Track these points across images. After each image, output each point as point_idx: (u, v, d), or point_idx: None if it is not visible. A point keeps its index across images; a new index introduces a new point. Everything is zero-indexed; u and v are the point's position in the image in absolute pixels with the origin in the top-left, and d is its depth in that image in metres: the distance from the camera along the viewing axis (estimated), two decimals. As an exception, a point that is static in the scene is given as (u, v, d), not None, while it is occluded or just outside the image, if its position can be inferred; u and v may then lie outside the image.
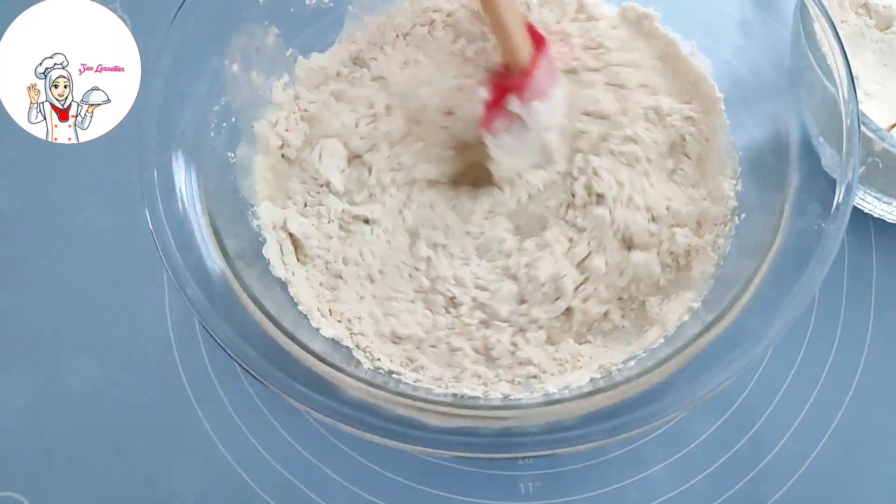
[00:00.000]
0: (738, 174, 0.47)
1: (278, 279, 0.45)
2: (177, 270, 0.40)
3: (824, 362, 0.50)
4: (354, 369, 0.42)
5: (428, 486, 0.48)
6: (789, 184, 0.42)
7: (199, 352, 0.51)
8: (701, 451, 0.49)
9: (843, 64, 0.42)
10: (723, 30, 0.48)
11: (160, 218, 0.41)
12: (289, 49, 0.51)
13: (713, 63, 0.49)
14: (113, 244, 0.54)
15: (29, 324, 0.53)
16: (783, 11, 0.45)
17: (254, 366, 0.38)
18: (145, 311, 0.53)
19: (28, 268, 0.54)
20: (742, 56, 0.48)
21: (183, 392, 0.51)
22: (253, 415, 0.50)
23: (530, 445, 0.37)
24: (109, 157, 0.55)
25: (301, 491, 0.48)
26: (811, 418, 0.49)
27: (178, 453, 0.49)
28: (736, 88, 0.48)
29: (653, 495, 0.48)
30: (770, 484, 0.48)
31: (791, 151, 0.43)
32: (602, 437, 0.37)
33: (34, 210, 0.56)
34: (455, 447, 0.38)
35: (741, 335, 0.39)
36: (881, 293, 0.52)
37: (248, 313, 0.41)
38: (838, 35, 0.42)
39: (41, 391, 0.51)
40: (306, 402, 0.38)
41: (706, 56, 0.50)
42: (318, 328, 0.44)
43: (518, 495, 0.48)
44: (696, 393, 0.38)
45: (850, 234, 0.53)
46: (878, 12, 0.54)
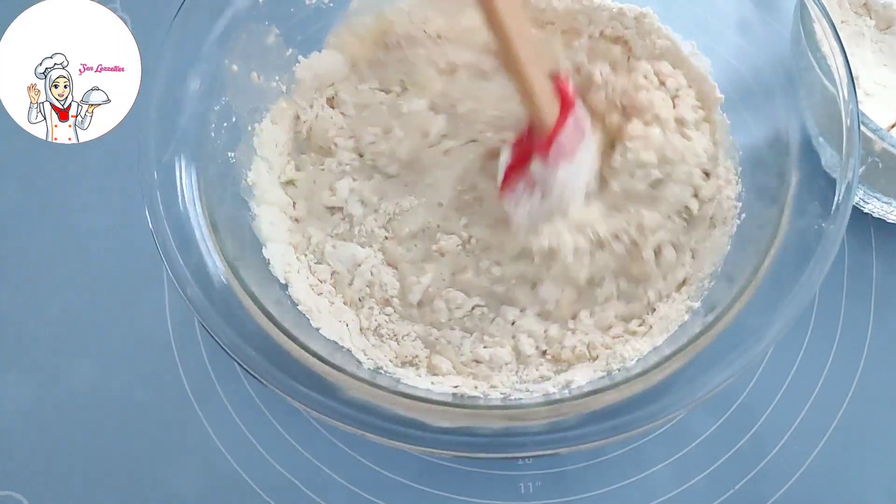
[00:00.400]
0: (739, 174, 0.47)
1: (278, 279, 0.45)
2: (177, 270, 0.40)
3: (824, 362, 0.50)
4: (354, 369, 0.42)
5: (428, 486, 0.48)
6: (789, 184, 0.42)
7: (199, 352, 0.51)
8: (701, 450, 0.49)
9: (843, 64, 0.42)
10: (723, 30, 0.48)
11: (160, 218, 0.41)
12: (289, 49, 0.51)
13: (713, 63, 0.49)
14: (113, 244, 0.54)
15: (29, 324, 0.53)
16: (783, 11, 0.45)
17: (254, 366, 0.38)
18: (145, 311, 0.53)
19: (28, 268, 0.54)
20: (742, 56, 0.48)
21: (183, 392, 0.51)
22: (253, 415, 0.50)
23: (530, 445, 0.37)
24: (109, 157, 0.55)
25: (301, 491, 0.48)
26: (811, 418, 0.49)
27: (178, 453, 0.49)
28: (736, 88, 0.48)
29: (653, 495, 0.48)
30: (770, 484, 0.48)
31: (791, 151, 0.43)
32: (602, 437, 0.37)
33: (34, 210, 0.56)
34: (455, 447, 0.38)
35: (741, 335, 0.39)
36: (881, 293, 0.52)
37: (248, 313, 0.41)
38: (838, 35, 0.42)
39: (41, 391, 0.51)
40: (306, 402, 0.38)
41: (706, 56, 0.50)
42: (318, 328, 0.44)
43: (518, 495, 0.48)
44: (696, 393, 0.38)
45: (850, 233, 0.53)
46: (878, 12, 0.54)
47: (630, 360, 0.43)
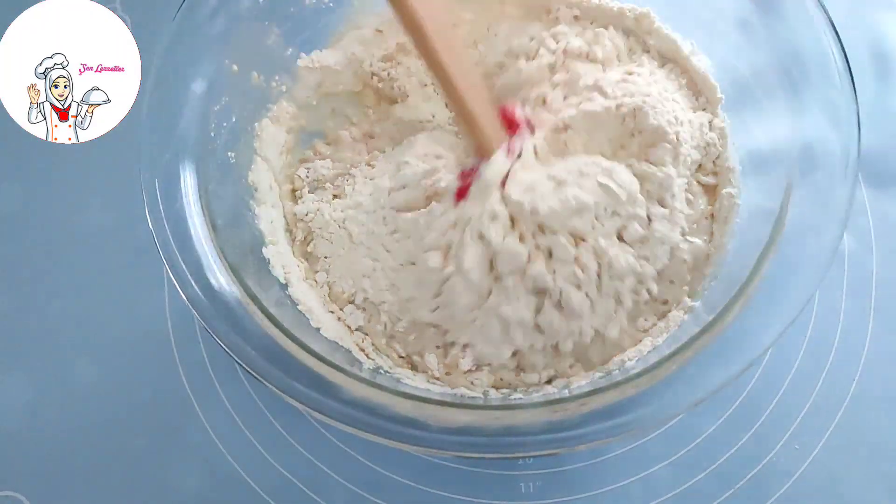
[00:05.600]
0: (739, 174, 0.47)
1: (278, 279, 0.45)
2: (177, 270, 0.40)
3: (824, 362, 0.50)
4: (355, 369, 0.42)
5: (428, 486, 0.48)
6: (789, 184, 0.42)
7: (199, 352, 0.51)
8: (701, 450, 0.49)
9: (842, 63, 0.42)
10: (723, 30, 0.48)
11: (160, 218, 0.41)
12: (289, 49, 0.51)
13: (713, 63, 0.49)
14: (113, 244, 0.54)
15: (29, 324, 0.53)
16: (783, 11, 0.45)
17: (254, 366, 0.38)
18: (145, 311, 0.53)
19: (28, 268, 0.54)
20: (742, 56, 0.48)
21: (183, 392, 0.51)
22: (253, 415, 0.50)
23: (530, 445, 0.37)
24: (109, 157, 0.55)
25: (301, 491, 0.48)
26: (811, 418, 0.49)
27: (178, 453, 0.49)
28: (736, 88, 0.48)
29: (653, 494, 0.48)
30: (770, 483, 0.48)
31: (791, 151, 0.43)
32: (602, 437, 0.37)
33: (34, 210, 0.56)
34: (455, 447, 0.38)
35: (741, 335, 0.39)
36: (881, 293, 0.52)
37: (248, 313, 0.41)
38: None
39: (41, 391, 0.51)
40: (306, 402, 0.38)
41: (706, 55, 0.50)
42: (318, 328, 0.44)
43: (518, 495, 0.48)
44: (696, 393, 0.38)
45: (850, 233, 0.53)
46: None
47: (630, 360, 0.43)
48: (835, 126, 0.42)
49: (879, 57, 0.56)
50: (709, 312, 0.42)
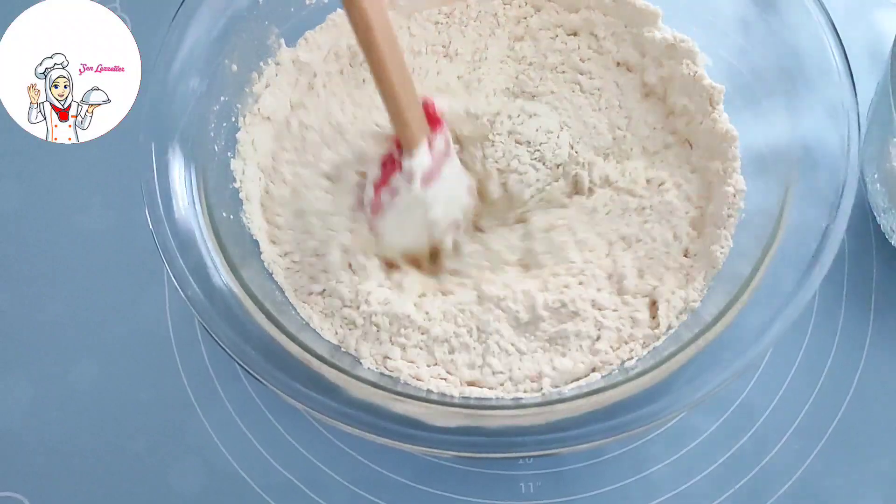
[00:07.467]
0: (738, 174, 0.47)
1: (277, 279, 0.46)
2: (177, 270, 0.40)
3: (824, 362, 0.50)
4: (355, 369, 0.42)
5: (428, 486, 0.48)
6: (789, 184, 0.42)
7: (199, 352, 0.51)
8: (701, 450, 0.49)
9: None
10: (723, 29, 0.48)
11: (160, 218, 0.41)
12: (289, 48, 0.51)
13: (713, 63, 0.49)
14: (113, 244, 0.54)
15: (29, 324, 0.53)
16: (783, 11, 0.45)
17: (254, 366, 0.38)
18: (145, 311, 0.53)
19: (28, 268, 0.54)
20: (742, 56, 0.48)
21: (183, 392, 0.51)
22: (253, 415, 0.50)
23: (530, 445, 0.37)
24: (109, 157, 0.55)
25: (301, 491, 0.48)
26: (811, 418, 0.49)
27: (178, 453, 0.49)
28: (736, 88, 0.48)
29: (653, 494, 0.48)
30: (770, 483, 0.48)
31: (791, 151, 0.43)
32: (602, 437, 0.37)
33: (34, 210, 0.56)
34: (455, 447, 0.38)
35: (741, 335, 0.39)
36: (881, 293, 0.52)
37: (249, 313, 0.41)
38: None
39: (41, 391, 0.51)
40: (306, 402, 0.38)
41: (706, 55, 0.50)
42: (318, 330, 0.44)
43: (518, 495, 0.48)
44: (696, 393, 0.38)
45: (850, 234, 0.53)
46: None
47: (630, 360, 0.43)
48: (835, 126, 0.42)
49: (879, 57, 0.56)
50: (709, 312, 0.42)
